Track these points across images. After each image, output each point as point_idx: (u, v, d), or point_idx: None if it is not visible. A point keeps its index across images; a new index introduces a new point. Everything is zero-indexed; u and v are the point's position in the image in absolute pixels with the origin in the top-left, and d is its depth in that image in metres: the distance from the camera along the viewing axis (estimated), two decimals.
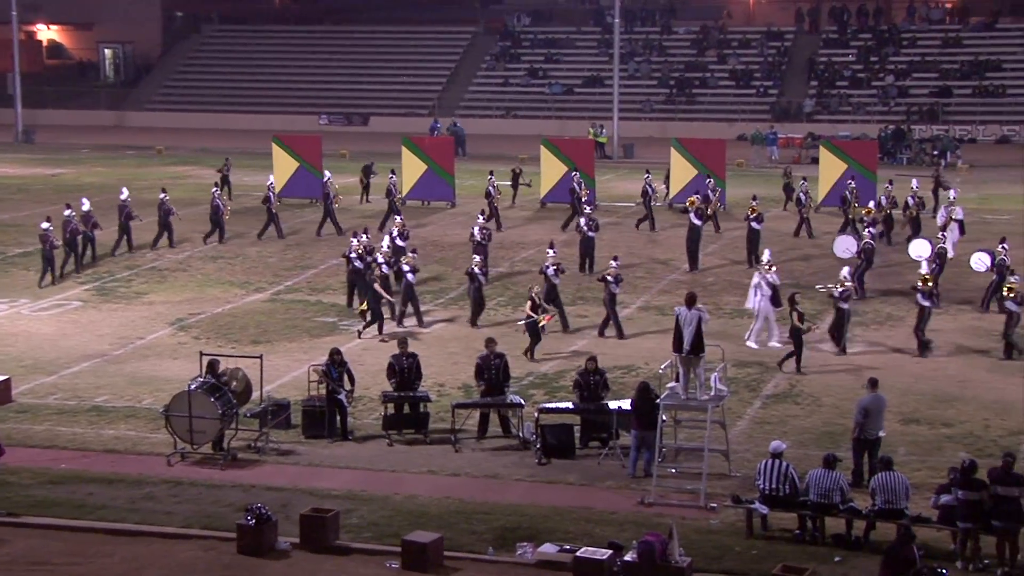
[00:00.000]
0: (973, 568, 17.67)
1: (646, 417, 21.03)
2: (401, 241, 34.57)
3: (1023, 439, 22.63)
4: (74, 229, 36.28)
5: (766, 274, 28.72)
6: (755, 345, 28.34)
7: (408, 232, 35.79)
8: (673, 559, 17.08)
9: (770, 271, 28.77)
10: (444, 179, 46.56)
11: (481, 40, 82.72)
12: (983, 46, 74.02)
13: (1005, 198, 48.42)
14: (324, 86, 79.40)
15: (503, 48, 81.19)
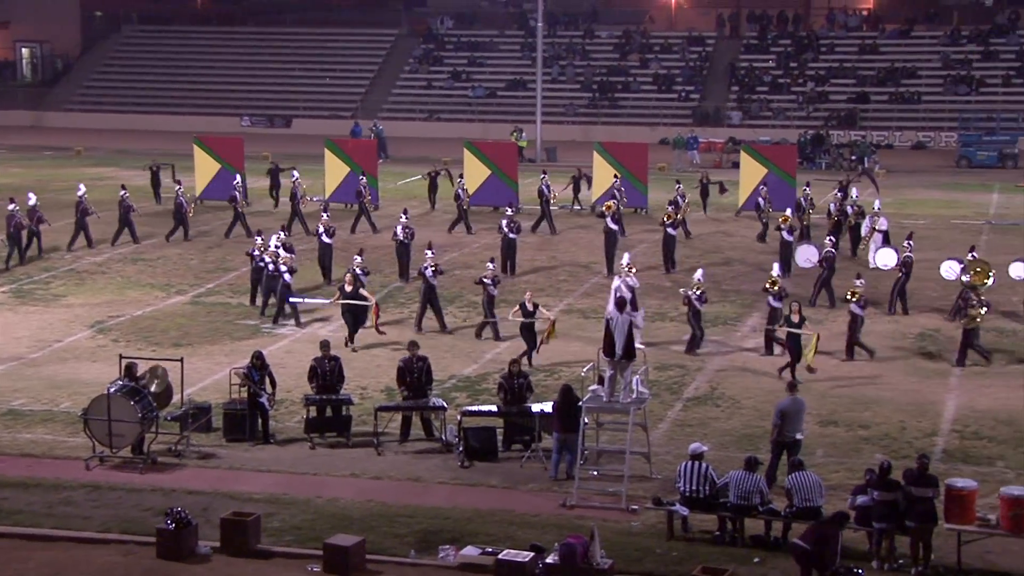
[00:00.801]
0: (888, 568, 17.95)
1: (568, 420, 21.12)
2: (328, 238, 35.13)
3: (937, 441, 23.02)
4: (18, 223, 36.31)
5: (626, 277, 28.93)
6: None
7: (334, 230, 36.11)
8: (594, 561, 17.18)
9: (630, 274, 29.03)
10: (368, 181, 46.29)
11: (404, 42, 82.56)
12: (899, 53, 75.15)
13: (921, 203, 49.21)
14: (246, 87, 78.79)
15: (426, 51, 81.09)
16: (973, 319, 27.30)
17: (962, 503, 17.85)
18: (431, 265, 30.05)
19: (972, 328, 27.40)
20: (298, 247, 35.27)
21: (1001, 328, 30.27)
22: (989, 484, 19.72)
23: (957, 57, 73.69)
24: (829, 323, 30.35)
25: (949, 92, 71.45)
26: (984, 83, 71.51)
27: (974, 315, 27.30)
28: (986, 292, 29.63)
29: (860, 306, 28.00)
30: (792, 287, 30.97)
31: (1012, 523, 17.58)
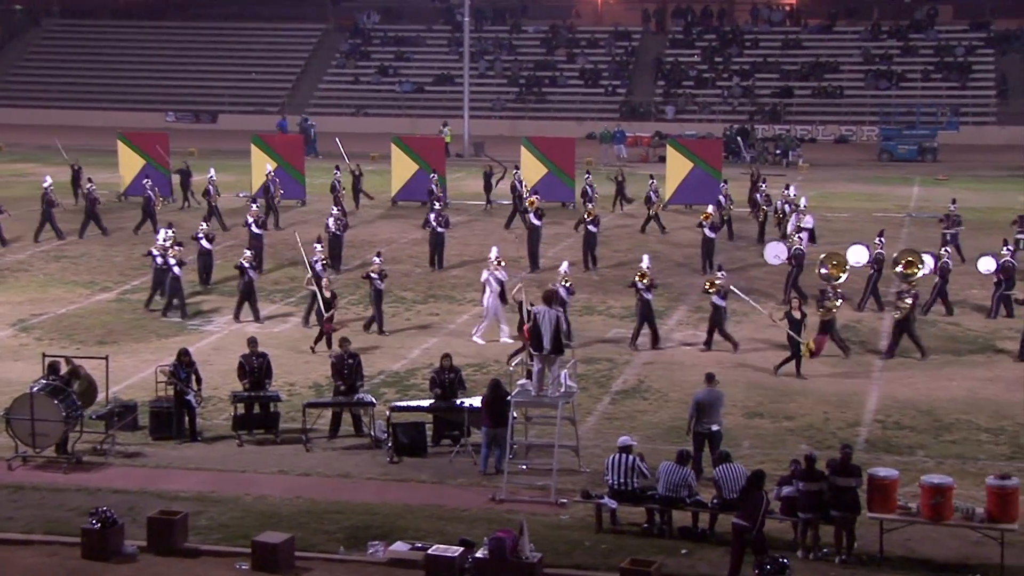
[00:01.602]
0: (813, 557, 18.16)
1: (497, 414, 21.19)
2: (257, 228, 35.62)
3: (860, 431, 23.35)
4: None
5: (494, 271, 29.16)
6: (481, 341, 28.64)
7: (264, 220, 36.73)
8: (523, 555, 17.25)
9: (499, 267, 29.23)
10: (294, 177, 46.13)
11: (331, 37, 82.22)
12: (821, 48, 76.06)
13: (843, 196, 49.82)
14: (171, 83, 78.07)
15: (353, 46, 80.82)
16: (829, 311, 27.63)
17: (884, 492, 18.11)
18: (376, 271, 29.77)
19: (829, 320, 27.76)
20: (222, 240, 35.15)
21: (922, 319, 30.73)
22: (910, 473, 20.03)
23: (877, 52, 74.73)
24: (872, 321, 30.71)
25: (870, 87, 72.42)
26: (904, 78, 72.57)
27: (830, 307, 27.63)
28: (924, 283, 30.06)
29: (721, 297, 28.16)
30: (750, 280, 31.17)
31: (932, 511, 17.86)
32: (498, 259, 29.62)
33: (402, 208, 45.62)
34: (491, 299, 29.06)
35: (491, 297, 29.05)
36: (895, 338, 27.93)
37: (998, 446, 22.54)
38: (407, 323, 30.83)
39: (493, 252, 30.31)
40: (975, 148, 63.65)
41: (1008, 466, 20.97)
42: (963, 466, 21.34)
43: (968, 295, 32.63)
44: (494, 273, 29.18)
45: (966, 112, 68.46)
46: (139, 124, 66.28)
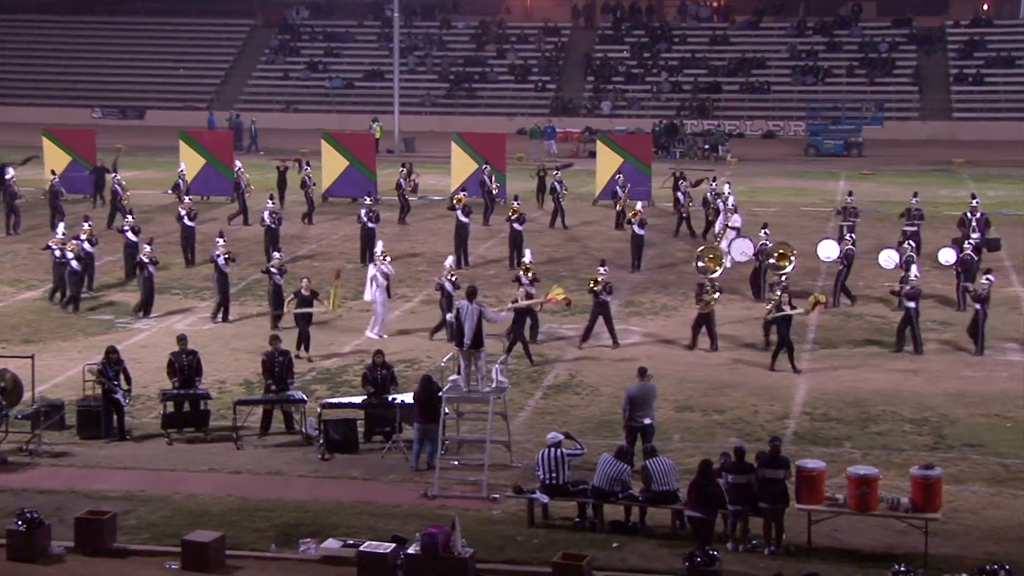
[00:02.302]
0: (743, 549, 18.34)
1: (428, 410, 21.20)
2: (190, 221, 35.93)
3: (789, 423, 23.60)
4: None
5: (381, 265, 29.22)
6: (375, 336, 28.72)
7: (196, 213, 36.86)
8: (456, 550, 17.27)
9: (384, 262, 29.29)
10: (223, 174, 45.82)
11: (260, 33, 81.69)
12: (748, 44, 76.72)
13: (771, 190, 50.31)
14: (98, 78, 77.20)
15: (282, 41, 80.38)
16: (707, 304, 27.95)
17: (812, 484, 18.32)
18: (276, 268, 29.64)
19: (707, 313, 28.05)
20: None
21: (848, 312, 31.12)
22: (837, 464, 20.26)
23: (803, 48, 75.52)
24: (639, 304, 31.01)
25: (797, 82, 73.18)
26: (830, 73, 73.39)
27: (708, 300, 27.97)
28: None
29: (608, 293, 28.31)
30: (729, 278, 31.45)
31: (858, 502, 18.10)
32: (383, 253, 29.64)
33: (333, 204, 45.44)
34: (378, 293, 29.06)
35: (378, 291, 29.05)
36: (767, 330, 28.22)
37: (922, 437, 22.89)
38: (339, 320, 30.72)
39: (379, 247, 30.32)
40: (899, 143, 64.50)
41: (931, 456, 21.30)
42: (888, 457, 21.65)
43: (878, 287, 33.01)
44: (380, 267, 29.23)
45: (890, 108, 69.34)
46: (65, 120, 65.43)
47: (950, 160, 58.56)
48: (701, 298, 28.01)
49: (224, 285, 30.41)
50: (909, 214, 37.31)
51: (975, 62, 72.88)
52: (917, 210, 37.50)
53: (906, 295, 28.03)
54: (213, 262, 30.37)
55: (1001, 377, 26.36)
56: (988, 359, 27.56)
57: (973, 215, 36.47)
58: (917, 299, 28.05)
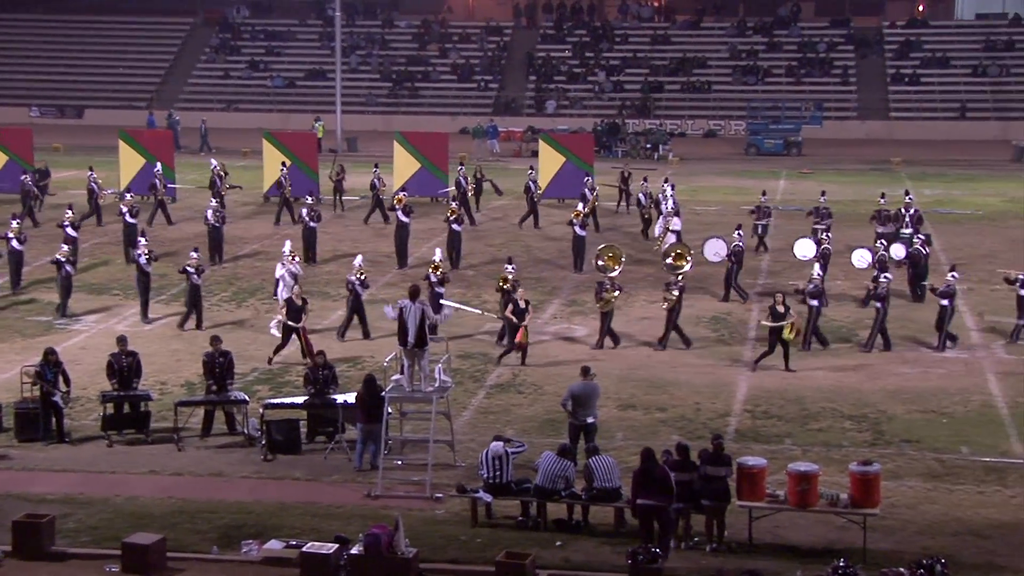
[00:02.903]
0: (685, 546, 18.47)
1: (372, 410, 21.17)
2: (131, 218, 35.99)
3: (730, 421, 23.78)
4: None
5: (289, 265, 29.20)
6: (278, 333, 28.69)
7: (137, 210, 36.88)
8: (399, 550, 17.27)
9: (292, 262, 29.28)
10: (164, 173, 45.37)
11: (200, 32, 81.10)
12: (689, 44, 77.13)
13: (712, 189, 50.61)
14: (35, 77, 76.24)
15: (223, 40, 79.84)
16: (608, 303, 28.18)
17: (753, 481, 18.48)
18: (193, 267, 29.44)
19: (607, 311, 28.23)
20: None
21: None
22: (778, 461, 20.45)
23: (744, 48, 76.01)
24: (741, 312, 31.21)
25: (737, 82, 73.65)
26: (770, 73, 73.92)
27: (608, 299, 28.20)
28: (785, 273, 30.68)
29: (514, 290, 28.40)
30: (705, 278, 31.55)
31: (799, 498, 18.28)
32: (291, 253, 29.56)
33: (274, 203, 45.18)
34: (284, 293, 29.00)
35: (285, 291, 28.99)
36: (667, 329, 28.39)
37: (861, 433, 23.14)
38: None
39: (286, 247, 30.27)
40: (837, 142, 65.10)
41: (870, 452, 21.58)
42: (828, 453, 21.87)
43: (832, 285, 33.29)
44: (288, 268, 29.17)
45: (828, 107, 69.96)
46: (1, 119, 64.64)
47: (888, 159, 59.20)
48: (601, 296, 28.15)
49: (145, 285, 30.25)
50: (817, 212, 37.80)
51: (911, 62, 73.71)
52: (825, 208, 38.02)
53: (809, 293, 28.26)
54: (135, 262, 30.17)
55: (937, 374, 26.70)
56: (925, 355, 27.91)
57: (907, 211, 37.03)
58: (820, 298, 28.27)
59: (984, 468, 21.38)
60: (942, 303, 28.28)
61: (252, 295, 32.47)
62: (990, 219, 44.35)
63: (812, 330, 28.26)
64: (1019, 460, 21.72)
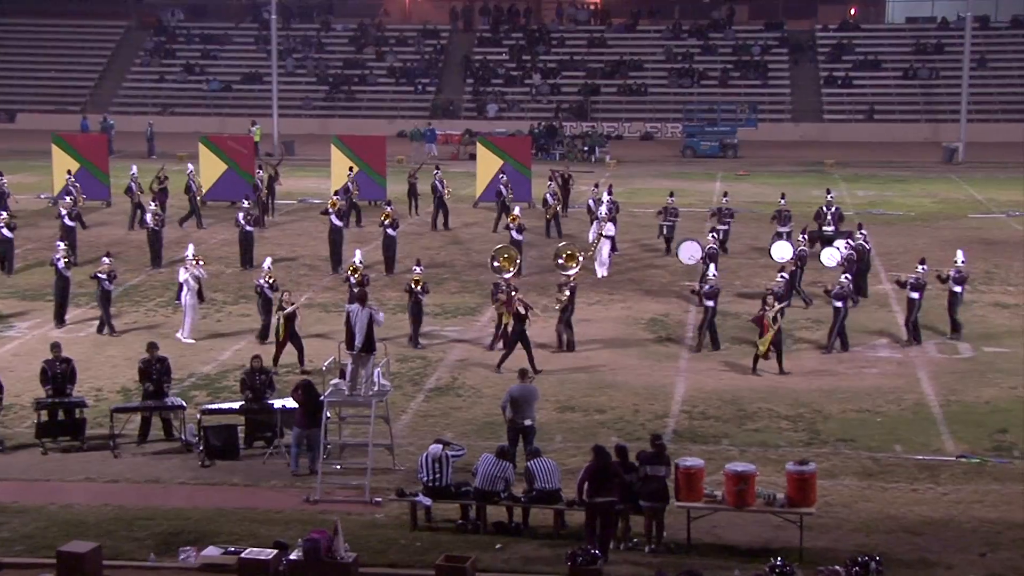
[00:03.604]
0: (624, 547, 18.56)
1: (310, 415, 21.11)
2: (70, 221, 36.14)
3: (669, 422, 23.91)
4: None
5: (192, 269, 29.19)
6: (188, 340, 28.67)
7: (77, 212, 36.89)
8: (338, 555, 17.22)
9: (196, 265, 29.29)
10: (97, 177, 45.03)
11: (134, 35, 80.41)
12: (625, 47, 77.52)
13: (650, 192, 50.80)
14: None
15: (157, 43, 79.22)
16: (502, 304, 28.40)
17: (691, 481, 18.59)
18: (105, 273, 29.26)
19: (502, 313, 28.28)
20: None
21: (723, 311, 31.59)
22: (715, 461, 20.60)
23: (679, 51, 76.51)
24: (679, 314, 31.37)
25: (673, 84, 74.13)
26: (705, 76, 74.44)
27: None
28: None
29: (423, 292, 28.62)
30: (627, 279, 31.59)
31: (736, 498, 18.40)
32: (195, 257, 29.50)
33: (211, 207, 44.93)
34: (188, 297, 28.89)
35: (188, 295, 28.88)
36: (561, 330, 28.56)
37: (797, 433, 23.36)
38: (218, 324, 30.46)
39: (190, 250, 30.17)
40: (772, 144, 65.70)
41: (806, 452, 21.78)
42: (765, 453, 22.06)
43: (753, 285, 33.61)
44: (192, 271, 29.09)
45: (763, 109, 70.57)
46: None
47: (822, 161, 59.82)
48: (496, 297, 28.28)
49: (62, 289, 30.00)
50: (720, 213, 38.33)
51: (844, 65, 74.54)
52: (727, 209, 38.55)
53: (705, 294, 28.52)
54: (53, 266, 29.91)
55: (872, 373, 27.01)
56: (859, 355, 28.21)
57: (828, 209, 37.83)
58: (715, 298, 28.47)
59: (917, 466, 21.67)
60: (911, 296, 28.63)
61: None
62: (921, 220, 44.94)
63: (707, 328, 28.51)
64: (951, 458, 22.03)
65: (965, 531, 19.01)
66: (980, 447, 22.53)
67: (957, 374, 26.74)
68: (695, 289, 29.64)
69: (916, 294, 28.70)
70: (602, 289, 33.85)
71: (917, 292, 28.68)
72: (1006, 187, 52.54)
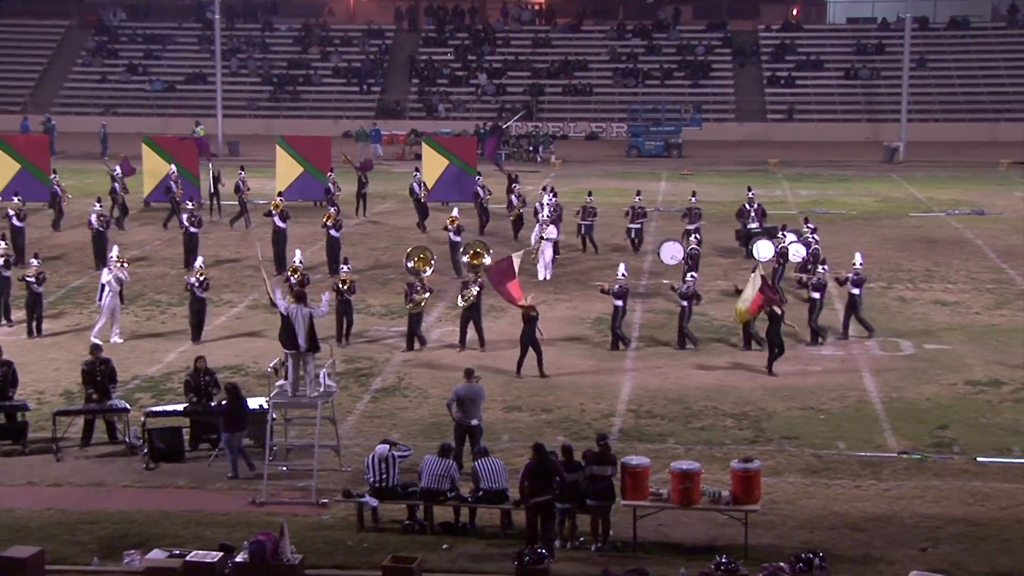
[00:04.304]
0: (571, 546, 18.62)
1: (235, 421, 21.07)
2: (18, 222, 35.83)
3: (615, 421, 24.02)
4: None
5: (116, 271, 29.13)
6: (99, 341, 28.45)
7: (24, 213, 36.61)
8: (284, 557, 17.19)
9: (120, 267, 29.24)
10: (39, 179, 44.54)
11: (75, 34, 79.63)
12: (570, 47, 77.70)
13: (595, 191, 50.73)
14: None
15: (99, 43, 78.49)
16: (417, 304, 28.54)
17: (637, 479, 18.69)
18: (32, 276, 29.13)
19: (416, 313, 28.58)
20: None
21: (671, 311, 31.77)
22: (662, 460, 20.72)
23: (624, 51, 76.79)
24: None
25: (618, 84, 74.39)
26: (649, 76, 74.74)
27: (419, 300, 28.54)
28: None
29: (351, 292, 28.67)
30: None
31: (682, 496, 18.53)
32: (119, 258, 29.36)
33: (155, 209, 44.63)
34: (109, 299, 28.76)
35: (109, 296, 28.75)
36: (463, 328, 28.65)
37: (742, 431, 23.54)
38: (162, 326, 30.27)
39: (114, 251, 30.01)
40: (716, 144, 66.08)
41: (751, 449, 21.93)
42: (710, 451, 22.22)
43: (713, 286, 33.84)
44: (115, 273, 28.96)
45: (707, 109, 70.96)
46: None
47: (765, 160, 60.25)
48: (411, 298, 28.33)
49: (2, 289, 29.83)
50: (633, 212, 38.68)
51: (786, 65, 75.10)
52: (640, 208, 38.87)
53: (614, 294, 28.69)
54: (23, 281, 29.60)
55: (815, 371, 27.24)
56: (803, 353, 28.45)
57: (751, 206, 38.32)
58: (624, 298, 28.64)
59: (860, 463, 21.90)
60: (813, 295, 28.88)
61: (132, 301, 31.98)
62: (863, 219, 45.37)
63: (682, 329, 28.70)
64: (893, 454, 22.28)
65: (906, 526, 19.25)
66: (921, 443, 22.80)
67: (899, 371, 27.04)
68: (674, 287, 29.89)
69: (817, 294, 28.87)
70: (547, 289, 33.93)
71: (818, 292, 28.86)
72: (946, 186, 53.18)
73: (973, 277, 35.81)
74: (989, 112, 70.98)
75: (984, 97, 71.83)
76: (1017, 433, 23.33)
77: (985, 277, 35.82)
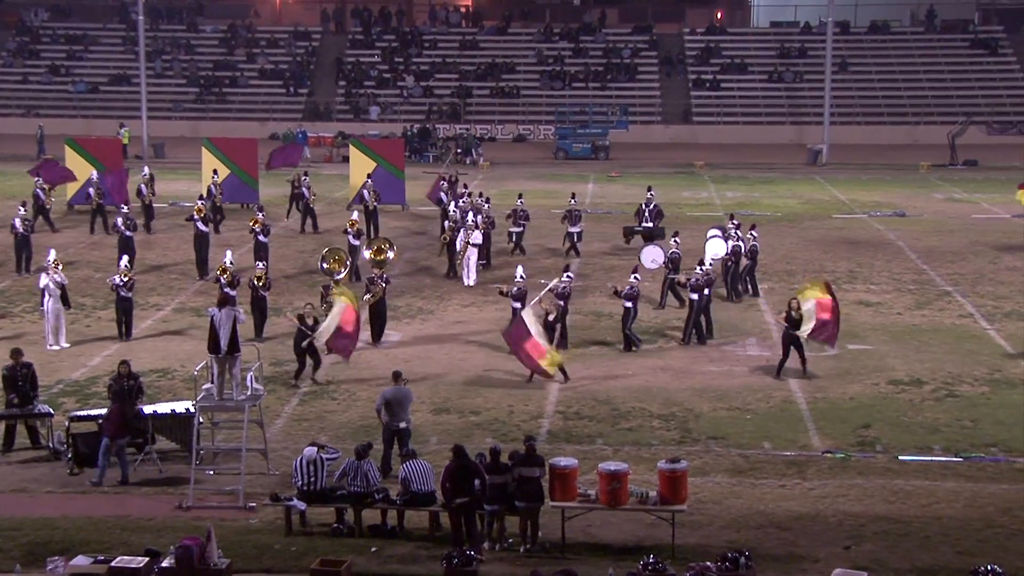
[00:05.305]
0: (499, 548, 18.68)
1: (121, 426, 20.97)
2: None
3: (543, 423, 24.10)
4: None
5: (54, 275, 29.01)
6: (57, 347, 28.34)
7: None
8: (211, 562, 17.10)
9: (57, 271, 29.13)
10: None
11: None
12: (497, 49, 77.83)
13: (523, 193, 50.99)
14: None
15: (21, 43, 77.42)
16: (376, 295, 28.70)
17: (564, 481, 18.77)
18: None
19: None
20: None
21: (598, 312, 31.95)
22: (590, 461, 20.78)
23: (551, 53, 77.05)
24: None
25: (545, 87, 74.61)
26: (576, 78, 75.06)
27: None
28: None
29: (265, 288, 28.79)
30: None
31: (609, 497, 18.63)
32: (56, 262, 29.13)
33: (79, 212, 44.14)
34: (51, 303, 28.50)
35: (51, 301, 28.49)
36: (372, 323, 28.81)
37: (669, 432, 23.71)
38: (87, 329, 29.95)
39: (51, 255, 29.77)
40: (643, 146, 66.44)
41: (678, 450, 22.10)
42: (638, 452, 22.36)
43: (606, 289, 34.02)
44: (53, 277, 28.74)
45: (634, 112, 71.38)
46: None
47: (691, 162, 60.72)
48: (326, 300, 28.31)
49: None
50: (515, 215, 38.78)
51: (712, 68, 75.76)
52: (523, 211, 39.07)
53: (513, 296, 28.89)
54: None
55: (742, 372, 27.51)
56: (729, 354, 28.71)
57: (647, 206, 39.08)
58: (567, 300, 28.66)
59: (785, 462, 22.15)
60: (626, 305, 28.89)
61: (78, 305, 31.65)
62: (788, 220, 45.87)
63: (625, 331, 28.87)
64: (817, 454, 22.56)
65: (831, 525, 19.51)
66: (845, 442, 23.11)
67: (823, 372, 27.36)
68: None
69: (629, 303, 28.83)
70: (476, 291, 33.97)
71: (630, 302, 28.81)
72: (868, 188, 53.90)
73: (895, 278, 36.34)
74: (909, 115, 72.05)
75: (904, 100, 72.92)
76: (937, 432, 23.73)
77: (907, 278, 36.37)
